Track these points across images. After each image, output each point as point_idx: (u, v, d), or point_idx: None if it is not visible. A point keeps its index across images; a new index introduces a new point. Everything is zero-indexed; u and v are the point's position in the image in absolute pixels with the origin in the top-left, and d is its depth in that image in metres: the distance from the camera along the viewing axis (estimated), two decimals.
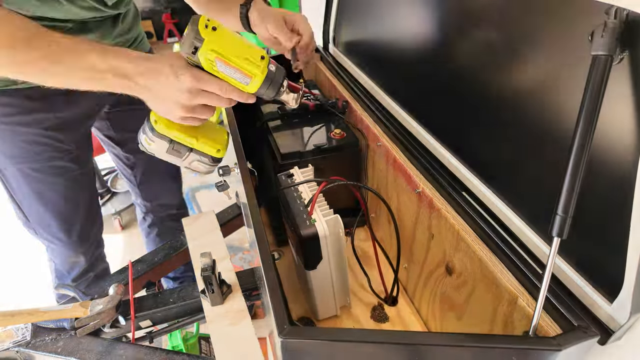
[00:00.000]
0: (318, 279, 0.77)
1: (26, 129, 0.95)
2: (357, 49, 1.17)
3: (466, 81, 0.73)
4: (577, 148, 0.45)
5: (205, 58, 0.62)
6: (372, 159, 0.97)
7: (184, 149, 0.72)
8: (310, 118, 1.05)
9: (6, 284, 2.00)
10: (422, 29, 0.84)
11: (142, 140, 0.72)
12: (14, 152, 0.97)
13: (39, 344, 0.83)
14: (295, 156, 0.92)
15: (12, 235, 2.27)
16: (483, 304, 0.63)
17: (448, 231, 0.69)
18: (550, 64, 0.55)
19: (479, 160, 0.73)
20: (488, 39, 0.67)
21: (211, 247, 0.98)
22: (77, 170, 1.08)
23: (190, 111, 0.66)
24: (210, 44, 0.61)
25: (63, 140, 1.01)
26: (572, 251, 0.56)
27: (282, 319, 0.47)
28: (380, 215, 1.01)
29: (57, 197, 1.07)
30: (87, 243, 1.22)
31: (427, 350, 0.47)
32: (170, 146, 0.71)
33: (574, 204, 0.46)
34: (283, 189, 0.78)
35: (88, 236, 1.21)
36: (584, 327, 0.50)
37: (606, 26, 0.43)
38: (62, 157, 1.03)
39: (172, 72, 0.63)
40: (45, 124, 0.96)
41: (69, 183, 1.07)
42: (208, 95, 0.66)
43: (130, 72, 0.64)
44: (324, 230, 0.70)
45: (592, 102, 0.44)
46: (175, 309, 0.90)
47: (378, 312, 0.87)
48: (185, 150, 0.72)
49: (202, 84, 0.64)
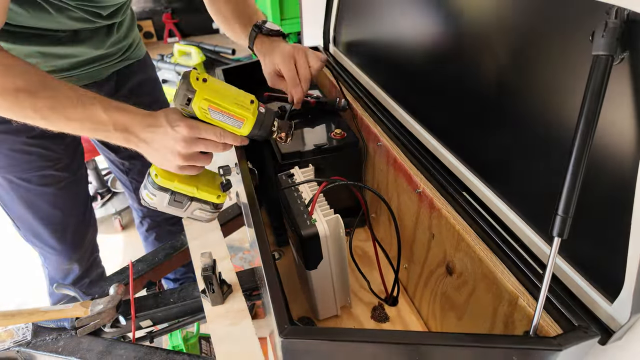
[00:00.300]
0: (318, 278, 0.77)
1: (13, 137, 0.93)
2: (357, 49, 1.17)
3: (466, 81, 0.73)
4: (577, 148, 0.45)
5: (199, 107, 0.66)
6: (373, 159, 0.97)
7: (185, 198, 0.74)
8: (310, 118, 1.05)
9: (7, 284, 2.00)
10: (423, 29, 0.84)
11: (143, 195, 0.75)
12: (2, 162, 0.96)
13: (39, 343, 0.83)
14: (296, 156, 0.92)
15: (12, 235, 2.27)
16: (483, 304, 0.63)
17: (448, 231, 0.69)
18: (551, 63, 0.55)
19: (480, 160, 0.73)
20: (489, 38, 0.67)
21: (211, 247, 0.98)
22: (67, 179, 1.07)
23: (188, 159, 0.68)
24: (202, 93, 0.66)
25: (51, 148, 1.00)
26: (572, 251, 0.56)
27: (282, 318, 0.47)
28: (380, 215, 1.01)
29: (47, 206, 1.05)
30: (81, 250, 1.20)
31: (427, 350, 0.47)
32: (172, 197, 0.73)
33: (574, 204, 0.46)
34: (283, 189, 0.78)
35: (81, 243, 1.19)
36: (584, 327, 0.50)
37: (607, 26, 0.43)
38: (51, 166, 1.02)
39: (168, 123, 0.66)
40: (32, 133, 0.94)
41: (59, 192, 1.06)
42: (204, 142, 0.68)
43: (131, 126, 0.67)
44: (325, 230, 0.70)
45: (592, 102, 0.44)
46: (176, 308, 0.90)
47: (378, 312, 0.87)
48: (187, 200, 0.74)
49: (198, 132, 0.67)
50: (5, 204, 1.05)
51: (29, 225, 1.08)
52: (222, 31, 1.09)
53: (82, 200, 1.16)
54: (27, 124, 0.74)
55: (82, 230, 1.18)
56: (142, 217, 1.44)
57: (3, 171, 0.98)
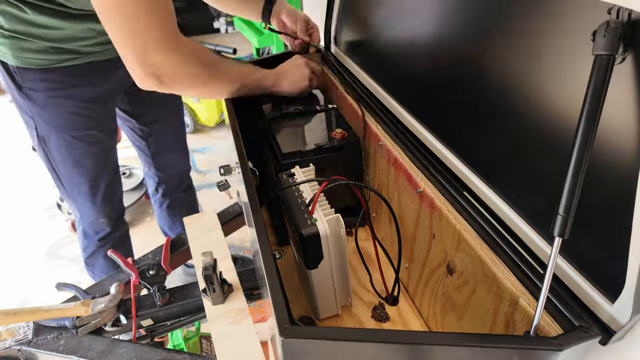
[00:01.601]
0: (319, 278, 0.77)
1: (68, 101, 1.11)
2: (358, 49, 1.17)
3: (467, 81, 0.73)
4: (578, 147, 0.45)
5: None
6: (373, 159, 0.97)
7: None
8: (311, 118, 1.05)
9: (8, 283, 2.00)
10: (424, 28, 0.84)
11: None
12: (59, 122, 1.13)
13: (40, 342, 0.83)
14: (297, 155, 0.92)
15: (14, 235, 2.28)
16: (484, 304, 0.63)
17: (449, 231, 0.69)
18: (552, 63, 0.55)
19: (481, 160, 0.72)
20: (490, 37, 0.67)
21: (212, 246, 0.98)
22: (107, 141, 1.24)
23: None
24: None
25: (97, 111, 1.17)
26: (573, 251, 0.56)
27: (283, 318, 0.47)
28: (381, 215, 1.01)
29: (90, 162, 1.23)
30: (111, 205, 1.37)
31: (428, 350, 0.47)
32: None
33: (575, 204, 0.46)
34: (284, 189, 0.78)
35: (113, 200, 1.37)
36: (585, 327, 0.49)
37: (608, 25, 0.43)
38: (96, 127, 1.19)
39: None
40: (83, 97, 1.12)
41: (100, 150, 1.24)
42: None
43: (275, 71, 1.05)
44: (325, 230, 0.70)
45: (594, 101, 0.44)
46: (177, 308, 0.90)
47: (379, 312, 0.87)
48: None
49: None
50: (55, 163, 1.21)
51: (73, 180, 1.25)
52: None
53: (115, 161, 1.35)
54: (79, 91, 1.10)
55: (114, 189, 1.36)
56: (158, 182, 1.60)
57: (60, 130, 1.14)
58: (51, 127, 1.13)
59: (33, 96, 1.08)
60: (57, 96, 1.09)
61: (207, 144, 2.98)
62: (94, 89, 1.13)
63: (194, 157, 2.84)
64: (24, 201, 2.47)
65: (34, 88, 1.07)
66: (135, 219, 2.30)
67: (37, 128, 1.14)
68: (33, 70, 1.04)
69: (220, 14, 4.60)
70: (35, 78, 1.05)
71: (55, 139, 1.16)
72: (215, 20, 4.68)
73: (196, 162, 2.78)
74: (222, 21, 4.69)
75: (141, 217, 2.29)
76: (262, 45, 2.54)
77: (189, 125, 3.03)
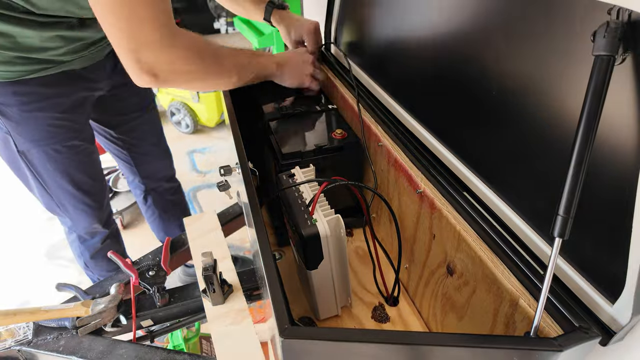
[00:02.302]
0: (319, 279, 0.77)
1: (44, 113, 1.07)
2: (358, 50, 1.17)
3: (467, 81, 0.73)
4: (579, 148, 0.45)
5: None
6: (374, 159, 0.97)
7: None
8: (311, 118, 1.05)
9: (8, 283, 2.00)
10: (424, 29, 0.84)
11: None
12: (37, 136, 1.09)
13: (40, 342, 0.83)
14: (297, 156, 0.92)
15: (14, 235, 2.28)
16: (484, 305, 0.63)
17: (449, 231, 0.69)
18: (552, 64, 0.55)
19: (481, 161, 0.72)
20: (490, 38, 0.67)
21: (212, 247, 0.98)
22: (89, 148, 1.23)
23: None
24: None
25: (76, 120, 1.15)
26: (573, 252, 0.56)
27: (283, 318, 0.47)
28: (381, 215, 1.01)
29: (77, 172, 1.21)
30: (102, 208, 1.37)
31: (428, 351, 0.47)
32: None
33: (575, 205, 0.46)
34: (284, 189, 0.78)
35: (103, 203, 1.37)
36: (585, 328, 0.49)
37: (608, 26, 0.43)
38: (77, 137, 1.17)
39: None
40: (60, 108, 1.09)
41: (85, 158, 1.22)
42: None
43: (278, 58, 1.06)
44: (325, 230, 0.70)
45: (594, 102, 0.44)
46: (177, 308, 0.90)
47: (379, 312, 0.87)
48: None
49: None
50: (41, 176, 1.18)
51: (64, 191, 1.23)
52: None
53: (99, 166, 1.33)
54: (54, 102, 1.06)
55: (103, 193, 1.36)
56: (146, 191, 1.56)
57: (40, 144, 1.11)
58: (30, 141, 1.09)
59: (7, 112, 1.03)
60: (32, 109, 1.05)
61: (207, 144, 2.98)
62: (68, 99, 1.10)
63: (194, 157, 2.84)
64: (24, 201, 2.47)
65: (6, 103, 1.01)
66: (133, 220, 2.30)
67: (15, 144, 1.09)
68: (3, 84, 0.99)
69: (221, 14, 4.60)
70: (6, 92, 1.00)
71: (37, 153, 1.12)
72: (216, 21, 4.68)
73: (196, 163, 2.79)
74: (222, 22, 4.69)
75: (140, 218, 2.29)
76: (262, 45, 2.54)
77: (189, 126, 3.03)
